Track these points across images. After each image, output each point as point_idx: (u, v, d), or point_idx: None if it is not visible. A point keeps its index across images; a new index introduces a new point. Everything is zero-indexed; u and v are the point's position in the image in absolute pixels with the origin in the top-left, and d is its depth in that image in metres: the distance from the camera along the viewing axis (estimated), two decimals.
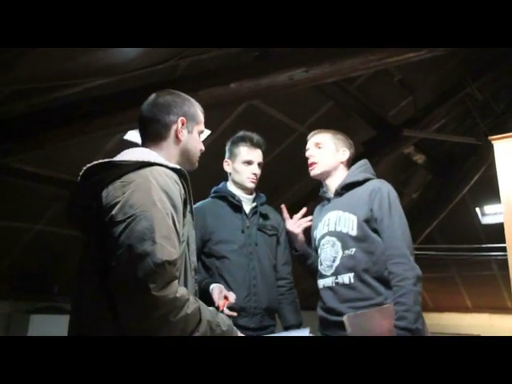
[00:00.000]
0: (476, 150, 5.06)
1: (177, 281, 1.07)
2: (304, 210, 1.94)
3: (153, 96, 1.36)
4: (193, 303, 1.10)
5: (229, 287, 1.89)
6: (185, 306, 1.06)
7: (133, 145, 1.38)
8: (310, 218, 1.95)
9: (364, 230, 1.74)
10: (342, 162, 1.94)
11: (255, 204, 2.10)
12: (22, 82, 2.12)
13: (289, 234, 2.01)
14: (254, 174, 2.08)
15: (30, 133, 2.62)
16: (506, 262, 2.14)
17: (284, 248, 2.14)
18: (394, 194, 1.79)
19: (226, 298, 1.76)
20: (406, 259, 1.67)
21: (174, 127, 1.31)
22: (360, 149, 4.00)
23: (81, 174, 1.19)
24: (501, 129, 3.42)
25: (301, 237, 1.96)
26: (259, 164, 2.11)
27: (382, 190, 1.78)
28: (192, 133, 1.36)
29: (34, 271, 3.94)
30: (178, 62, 2.42)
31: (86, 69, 2.14)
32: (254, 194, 2.14)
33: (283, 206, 1.97)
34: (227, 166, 2.14)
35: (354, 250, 1.74)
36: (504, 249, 2.15)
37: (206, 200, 2.13)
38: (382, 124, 4.24)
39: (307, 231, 2.01)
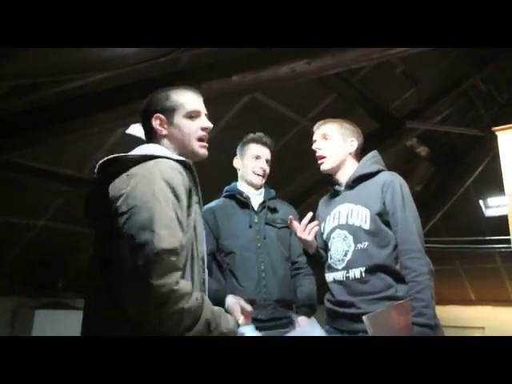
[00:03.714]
0: (479, 142, 5.04)
1: (179, 273, 1.07)
2: (310, 214, 1.82)
3: None
4: (194, 299, 1.09)
5: (238, 282, 1.96)
6: (182, 299, 1.05)
7: (135, 138, 1.39)
8: (316, 222, 1.83)
9: (377, 224, 1.71)
10: (350, 153, 1.87)
11: (263, 199, 2.14)
12: (23, 77, 2.11)
13: (301, 240, 1.86)
14: (261, 168, 2.12)
15: (31, 128, 2.61)
16: (509, 254, 2.13)
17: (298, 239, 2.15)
18: (406, 186, 1.77)
19: (243, 312, 1.74)
20: (421, 254, 1.65)
21: (153, 125, 1.34)
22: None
23: (95, 170, 1.27)
24: (505, 120, 3.39)
25: (313, 242, 1.85)
26: (267, 161, 2.15)
27: (395, 182, 1.75)
28: (174, 123, 1.33)
29: (37, 267, 3.94)
30: (180, 55, 2.40)
31: (87, 63, 2.13)
32: (264, 190, 2.18)
33: (291, 218, 1.85)
34: (237, 164, 2.19)
35: (366, 243, 1.71)
36: (508, 241, 2.14)
37: (218, 200, 2.18)
38: (384, 116, 4.22)
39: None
